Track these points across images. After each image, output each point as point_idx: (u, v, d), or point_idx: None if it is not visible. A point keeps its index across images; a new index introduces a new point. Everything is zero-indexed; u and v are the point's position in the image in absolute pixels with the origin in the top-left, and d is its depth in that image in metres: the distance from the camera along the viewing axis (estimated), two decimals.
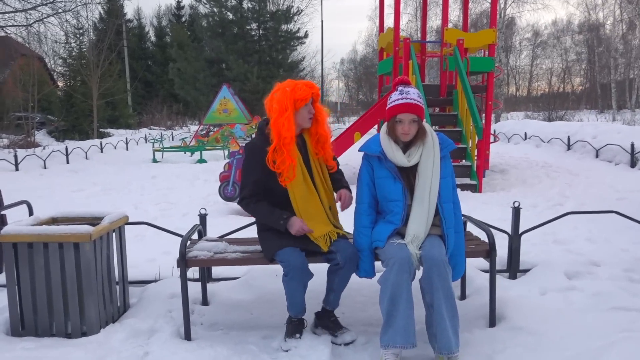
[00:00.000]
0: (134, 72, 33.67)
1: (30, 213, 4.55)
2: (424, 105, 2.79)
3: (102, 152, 14.77)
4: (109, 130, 25.41)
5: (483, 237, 3.20)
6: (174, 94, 29.43)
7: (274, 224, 2.87)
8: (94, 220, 3.39)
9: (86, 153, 13.72)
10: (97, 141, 16.07)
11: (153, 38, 39.63)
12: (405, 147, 2.81)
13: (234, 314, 3.42)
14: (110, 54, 23.99)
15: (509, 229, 4.07)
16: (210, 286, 3.71)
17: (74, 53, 25.51)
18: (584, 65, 43.99)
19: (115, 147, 15.94)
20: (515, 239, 3.97)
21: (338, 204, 3.08)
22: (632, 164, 9.92)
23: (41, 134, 22.61)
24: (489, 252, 3.01)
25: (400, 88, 2.79)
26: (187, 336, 2.99)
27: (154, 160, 13.19)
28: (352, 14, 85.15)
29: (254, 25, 24.86)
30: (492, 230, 3.57)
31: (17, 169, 11.41)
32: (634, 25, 36.21)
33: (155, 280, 3.84)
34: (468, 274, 3.69)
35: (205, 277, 3.57)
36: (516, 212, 3.94)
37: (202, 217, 3.79)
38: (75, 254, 3.01)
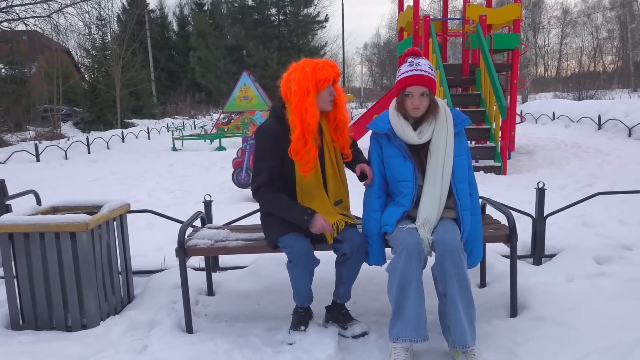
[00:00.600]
0: (157, 62, 33.86)
1: (38, 203, 4.49)
2: (435, 78, 2.56)
3: (123, 141, 14.84)
4: (133, 120, 25.65)
5: (503, 220, 2.97)
6: (197, 83, 29.48)
7: (297, 220, 2.60)
8: (94, 209, 3.28)
9: (107, 143, 13.79)
10: (118, 131, 16.15)
11: (176, 27, 39.77)
12: (416, 123, 2.59)
13: (240, 304, 3.27)
14: (132, 44, 24.10)
15: (533, 212, 3.81)
16: (216, 276, 3.57)
17: (97, 44, 25.75)
18: (615, 43, 42.46)
19: (136, 137, 16.01)
20: (539, 222, 3.71)
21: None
22: None
23: (67, 125, 22.93)
24: (509, 236, 2.79)
25: (409, 59, 2.57)
26: (189, 329, 2.85)
27: (174, 149, 13.18)
28: None
29: (273, 11, 24.61)
30: (515, 213, 3.33)
31: (37, 160, 11.52)
32: None
33: (161, 270, 3.71)
34: (488, 260, 3.47)
35: (211, 266, 3.43)
36: (540, 193, 3.68)
37: (207, 204, 3.64)
38: (72, 244, 2.90)
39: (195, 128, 20.13)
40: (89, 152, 12.71)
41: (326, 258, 2.94)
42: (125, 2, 35.55)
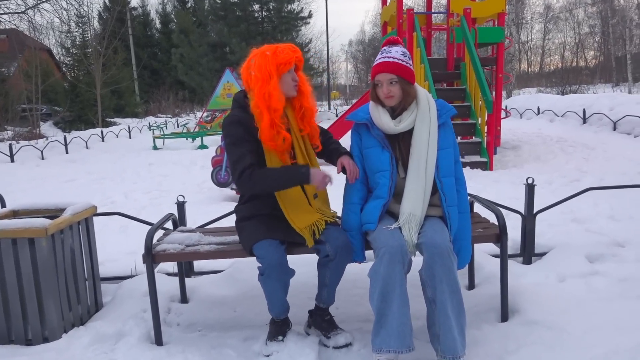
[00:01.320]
0: (139, 60, 33.38)
1: (3, 206, 4.25)
2: (408, 65, 2.39)
3: (103, 141, 14.49)
4: (115, 119, 25.21)
5: (492, 218, 2.81)
6: (180, 81, 29.06)
7: (295, 180, 2.40)
8: (57, 212, 3.07)
9: (86, 143, 13.44)
10: (97, 130, 15.78)
11: (158, 25, 39.26)
12: (393, 111, 2.44)
13: (216, 311, 3.07)
14: (112, 41, 23.66)
15: (522, 209, 3.67)
16: (190, 281, 3.37)
17: (77, 42, 25.28)
18: (597, 38, 42.80)
19: (117, 136, 15.66)
20: (529, 219, 3.56)
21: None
22: None
23: (47, 125, 22.47)
24: (499, 235, 2.62)
25: (382, 48, 2.43)
26: (158, 340, 2.65)
27: (155, 148, 12.88)
28: None
29: (256, 7, 24.29)
30: (503, 210, 3.18)
31: (12, 161, 11.16)
32: None
33: (131, 276, 3.50)
34: (477, 260, 3.31)
35: (184, 271, 3.21)
36: (530, 189, 3.53)
37: (180, 206, 3.43)
38: (31, 251, 2.68)
39: (178, 126, 19.79)
40: (66, 152, 12.37)
41: (307, 260, 2.77)
42: (107, 0, 34.99)
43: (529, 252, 3.59)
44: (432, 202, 2.41)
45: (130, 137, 16.06)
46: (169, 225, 3.17)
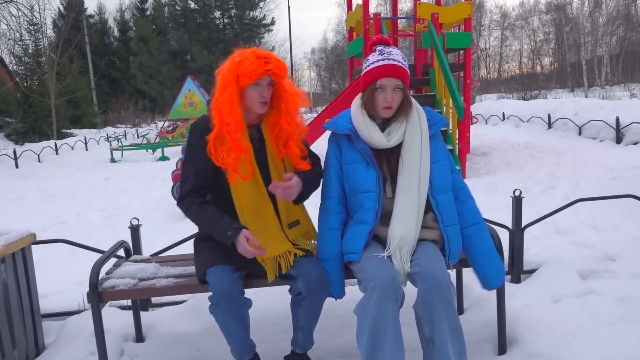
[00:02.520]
0: (97, 68, 32.35)
1: None
2: (409, 71, 2.11)
3: (57, 154, 13.72)
4: (72, 130, 24.21)
5: None
6: (140, 90, 28.22)
7: (220, 236, 2.09)
8: None
9: (39, 156, 12.69)
10: (51, 142, 14.99)
11: (116, 33, 38.20)
12: (384, 124, 2.14)
13: (176, 351, 2.69)
14: (67, 49, 22.74)
15: (503, 220, 3.41)
16: (147, 316, 2.97)
17: (30, 50, 24.22)
18: (552, 45, 44.00)
19: (72, 148, 14.90)
20: (517, 234, 3.32)
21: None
22: (618, 140, 9.46)
23: None
24: None
25: (379, 48, 2.11)
26: None
27: (112, 160, 12.25)
28: (320, 1, 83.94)
29: (217, 14, 23.85)
30: (488, 225, 2.92)
31: None
32: (599, 3, 36.27)
33: (79, 311, 3.07)
34: (465, 281, 3.02)
35: (139, 305, 2.82)
36: (517, 202, 3.28)
37: (134, 230, 3.03)
38: None
39: (138, 137, 19.09)
40: (16, 167, 11.62)
41: (278, 288, 2.44)
42: (61, 7, 33.81)
43: (517, 270, 3.34)
44: (425, 223, 2.11)
45: (87, 149, 15.32)
46: (121, 252, 2.78)
